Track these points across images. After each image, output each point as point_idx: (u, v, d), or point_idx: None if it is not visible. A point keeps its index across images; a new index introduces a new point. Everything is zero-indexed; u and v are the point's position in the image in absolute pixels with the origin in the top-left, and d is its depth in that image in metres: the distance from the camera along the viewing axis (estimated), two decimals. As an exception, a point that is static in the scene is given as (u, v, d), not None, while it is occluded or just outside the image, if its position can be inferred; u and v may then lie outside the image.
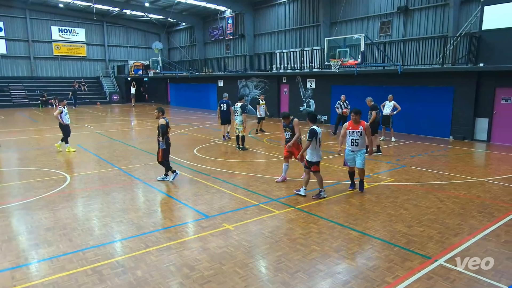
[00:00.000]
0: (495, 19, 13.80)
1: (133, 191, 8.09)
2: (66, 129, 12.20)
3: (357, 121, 7.53)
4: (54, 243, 5.40)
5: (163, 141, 8.35)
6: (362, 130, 7.45)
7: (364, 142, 7.50)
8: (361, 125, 7.48)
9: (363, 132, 7.46)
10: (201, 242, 5.44)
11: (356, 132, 7.49)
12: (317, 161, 7.36)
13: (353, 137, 7.51)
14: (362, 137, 7.45)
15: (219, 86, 28.75)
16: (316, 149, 7.30)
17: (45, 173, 9.45)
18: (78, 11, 35.62)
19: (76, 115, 25.35)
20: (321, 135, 7.42)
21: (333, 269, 4.68)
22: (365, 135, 7.49)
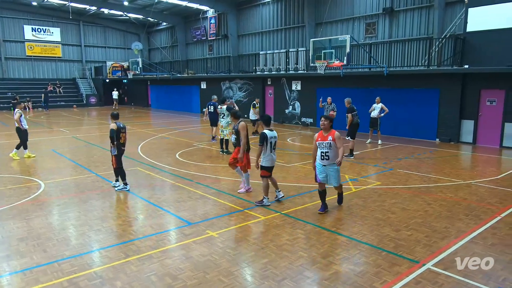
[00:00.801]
0: (479, 21, 14.23)
1: (112, 198, 7.95)
2: (25, 134, 11.84)
3: (326, 130, 6.70)
4: (27, 254, 5.25)
5: (114, 147, 8.21)
6: (332, 141, 6.58)
7: (336, 154, 6.62)
8: (331, 135, 6.60)
9: (333, 144, 6.60)
10: (184, 250, 5.38)
11: (325, 144, 6.63)
12: (268, 166, 7.21)
13: (323, 150, 6.65)
14: (333, 149, 6.61)
15: (202, 88, 28.64)
16: (267, 154, 7.16)
17: (17, 180, 9.21)
18: (52, 10, 34.98)
19: (50, 119, 24.83)
20: (275, 140, 7.25)
21: (321, 276, 4.70)
22: (336, 146, 6.62)
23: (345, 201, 7.62)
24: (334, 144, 6.57)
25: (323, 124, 6.70)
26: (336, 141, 6.58)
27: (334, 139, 6.57)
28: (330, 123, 6.72)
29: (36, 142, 15.00)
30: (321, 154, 6.71)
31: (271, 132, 7.19)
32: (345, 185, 8.81)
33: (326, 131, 6.68)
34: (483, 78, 14.21)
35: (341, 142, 6.61)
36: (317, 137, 6.76)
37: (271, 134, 7.18)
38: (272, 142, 7.20)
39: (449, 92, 15.10)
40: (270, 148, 7.17)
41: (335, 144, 6.57)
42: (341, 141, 6.60)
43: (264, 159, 7.20)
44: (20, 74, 35.20)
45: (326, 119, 6.67)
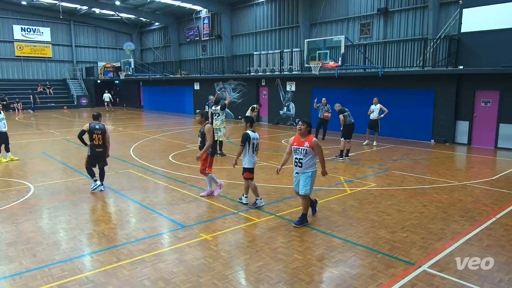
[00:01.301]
0: (474, 22, 14.38)
1: (103, 201, 7.90)
2: (4, 137, 11.59)
3: (304, 135, 6.25)
4: (16, 259, 5.20)
5: (88, 147, 8.28)
6: (308, 147, 6.12)
7: (311, 162, 6.20)
8: (308, 141, 6.14)
9: (309, 150, 6.13)
10: (177, 254, 5.36)
11: (301, 150, 6.18)
12: (250, 167, 7.20)
13: (297, 156, 6.24)
14: (308, 156, 6.14)
15: (195, 89, 28.61)
16: (249, 155, 7.15)
17: (6, 183, 9.11)
18: (42, 9, 34.73)
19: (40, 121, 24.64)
20: (257, 141, 7.22)
21: (316, 279, 4.71)
22: (313, 154, 6.20)
23: (340, 203, 7.65)
24: (311, 151, 6.14)
25: (299, 128, 6.23)
26: (314, 148, 6.13)
27: (311, 146, 6.12)
28: (308, 128, 6.26)
29: (25, 144, 14.88)
30: (295, 160, 6.31)
31: (253, 134, 7.18)
32: (340, 186, 8.85)
33: (303, 136, 6.23)
34: (478, 79, 14.35)
35: (320, 149, 6.20)
36: (292, 141, 6.34)
37: (254, 136, 7.16)
38: (255, 143, 7.18)
39: (444, 93, 15.24)
40: (252, 149, 7.15)
41: (311, 151, 6.14)
42: (319, 149, 6.18)
43: (247, 161, 7.17)
44: (9, 74, 34.88)
45: (303, 123, 6.21)
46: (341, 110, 12.11)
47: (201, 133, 7.68)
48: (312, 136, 6.26)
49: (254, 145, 7.17)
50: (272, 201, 7.72)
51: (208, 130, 7.55)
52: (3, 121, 11.59)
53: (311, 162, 6.22)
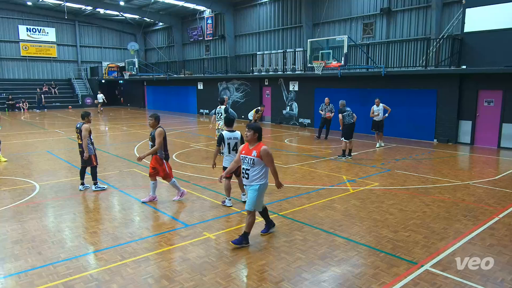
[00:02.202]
0: (477, 22, 14.30)
1: (108, 199, 7.93)
2: None
3: (252, 142, 5.48)
4: (21, 257, 5.23)
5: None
6: (256, 157, 5.35)
7: (259, 174, 5.42)
8: (256, 150, 5.38)
9: (257, 160, 5.36)
10: (181, 252, 5.37)
11: (248, 160, 5.44)
12: (226, 166, 7.19)
13: (244, 166, 5.52)
14: (255, 167, 5.38)
15: (198, 88, 28.64)
16: (226, 155, 7.21)
17: (12, 182, 9.16)
18: (47, 10, 34.86)
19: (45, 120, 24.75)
20: (235, 141, 7.17)
21: (319, 278, 4.70)
22: (263, 165, 5.44)
23: (343, 202, 7.64)
24: (259, 161, 5.36)
25: (246, 135, 5.51)
26: (263, 157, 5.34)
27: (259, 155, 5.35)
28: (255, 134, 5.44)
29: (31, 143, 14.95)
30: (242, 171, 5.63)
31: (229, 133, 7.18)
32: (343, 186, 8.83)
33: (252, 143, 5.48)
34: (481, 79, 14.28)
35: (270, 159, 5.39)
36: (241, 149, 5.64)
37: (229, 135, 7.16)
38: (231, 143, 7.17)
39: (447, 93, 15.17)
40: (228, 149, 7.19)
41: (260, 161, 5.36)
42: (269, 158, 5.38)
43: (224, 159, 7.28)
44: (14, 74, 35.05)
45: (250, 129, 5.45)
46: (341, 109, 11.99)
47: (152, 137, 7.33)
48: (262, 144, 5.44)
49: (230, 145, 7.16)
50: (274, 200, 7.72)
51: (159, 134, 7.23)
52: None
53: (260, 173, 5.42)
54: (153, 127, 7.33)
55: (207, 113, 27.85)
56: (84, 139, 8.33)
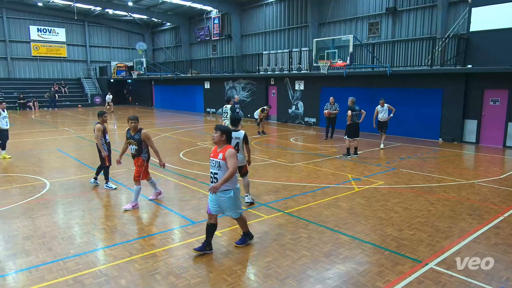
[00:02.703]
0: (483, 21, 14.15)
1: (116, 197, 7.98)
2: (2, 135, 11.54)
3: (219, 144, 5.14)
4: (32, 253, 5.28)
5: None
6: (221, 159, 5.01)
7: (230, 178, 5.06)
8: (222, 152, 5.04)
9: (223, 164, 5.01)
10: (188, 249, 5.39)
11: (214, 163, 5.10)
12: None
13: (212, 170, 5.15)
14: (223, 170, 5.02)
15: (205, 88, 28.69)
16: None
17: (23, 179, 9.26)
18: (58, 10, 35.15)
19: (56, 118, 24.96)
20: (237, 141, 6.91)
21: (323, 275, 4.69)
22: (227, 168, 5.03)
23: (348, 200, 7.61)
24: (225, 164, 5.03)
25: (213, 137, 5.20)
26: (227, 160, 5.01)
27: (225, 158, 5.02)
28: (222, 136, 5.10)
29: (42, 142, 15.10)
30: (210, 175, 5.20)
31: (233, 133, 6.75)
32: (347, 184, 8.80)
33: (220, 146, 5.14)
34: (487, 78, 14.13)
35: (232, 162, 4.99)
36: (211, 152, 5.29)
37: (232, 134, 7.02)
38: (232, 142, 6.79)
39: (452, 92, 15.04)
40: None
41: (225, 164, 5.03)
42: (231, 161, 4.99)
43: None
44: (26, 74, 35.40)
45: (217, 130, 5.16)
46: (351, 107, 11.89)
47: (137, 140, 6.99)
48: (229, 147, 5.13)
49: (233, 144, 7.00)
50: (280, 198, 7.72)
51: (149, 136, 7.07)
52: (6, 119, 11.58)
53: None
54: (136, 129, 7.04)
55: (213, 112, 27.91)
56: (96, 139, 8.34)
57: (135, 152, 7.10)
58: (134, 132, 7.05)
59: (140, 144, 7.01)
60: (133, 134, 7.06)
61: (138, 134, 7.02)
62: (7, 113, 11.73)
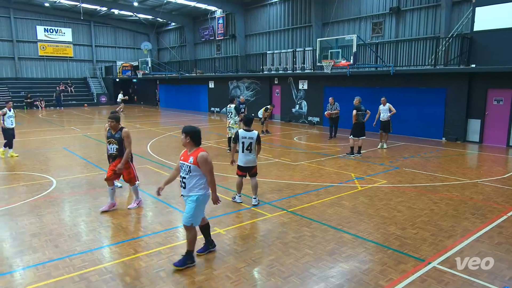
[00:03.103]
0: (487, 20, 14.04)
1: (122, 195, 8.01)
2: (6, 134, 11.49)
3: (189, 147, 4.80)
4: (39, 250, 5.32)
5: None
6: (192, 164, 4.67)
7: (198, 183, 4.73)
8: (193, 156, 4.69)
9: (194, 168, 4.68)
10: (192, 247, 5.40)
11: (185, 167, 4.77)
12: (238, 164, 7.16)
13: (181, 174, 4.83)
14: (192, 175, 4.70)
15: (210, 87, 28.71)
16: (240, 153, 7.07)
17: (30, 177, 9.32)
18: (64, 11, 35.30)
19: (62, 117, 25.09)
20: (249, 141, 6.95)
21: (326, 273, 4.69)
22: (202, 173, 4.73)
23: (351, 199, 7.59)
24: (196, 169, 4.68)
25: (182, 140, 4.84)
26: (200, 165, 4.67)
27: (196, 162, 4.68)
28: (187, 138, 4.75)
29: (48, 140, 15.18)
30: (180, 179, 4.89)
31: (245, 132, 7.00)
32: (351, 183, 8.78)
33: (190, 149, 4.80)
34: (490, 78, 14.04)
35: (208, 168, 4.69)
36: (181, 155, 4.94)
37: (244, 134, 6.99)
38: (245, 142, 6.97)
39: (456, 92, 14.95)
40: (241, 148, 7.02)
41: (197, 168, 4.68)
42: (207, 167, 4.68)
43: (238, 158, 7.17)
44: (33, 73, 35.59)
45: (182, 133, 4.80)
46: (357, 107, 11.84)
47: (118, 139, 6.73)
48: (201, 150, 4.76)
49: (244, 144, 6.97)
50: (284, 197, 7.71)
51: (128, 135, 6.77)
52: (11, 118, 11.58)
53: (198, 183, 4.74)
54: (116, 128, 6.80)
55: (218, 111, 27.94)
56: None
57: (116, 152, 6.82)
58: (115, 131, 6.83)
59: (121, 143, 6.78)
60: (114, 133, 6.83)
61: (119, 133, 6.79)
62: (13, 113, 11.76)
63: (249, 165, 7.12)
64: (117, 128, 6.80)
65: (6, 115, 11.47)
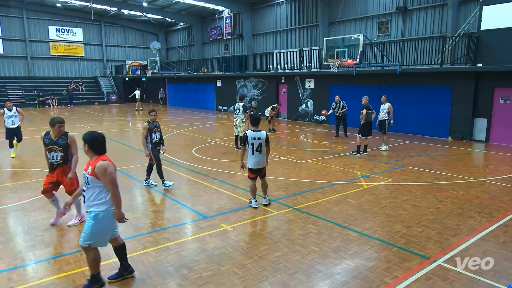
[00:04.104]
0: (494, 19, 13.84)
1: (130, 191, 8.06)
2: (6, 133, 11.16)
3: (90, 156, 4.22)
4: (51, 244, 5.38)
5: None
6: (90, 175, 4.06)
7: (98, 197, 4.08)
8: (91, 166, 4.09)
9: (92, 179, 4.06)
10: (199, 243, 5.43)
11: (84, 178, 4.17)
12: (249, 167, 6.82)
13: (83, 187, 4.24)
14: (91, 187, 4.08)
15: (217, 86, 28.75)
16: (249, 155, 6.72)
17: (42, 174, 9.40)
18: (75, 11, 35.56)
19: (73, 115, 25.31)
20: (259, 141, 6.63)
21: (332, 270, 4.68)
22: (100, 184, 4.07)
23: (357, 197, 7.56)
24: (94, 180, 4.05)
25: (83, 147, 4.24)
26: (99, 176, 4.03)
27: (94, 173, 4.04)
28: (86, 146, 4.17)
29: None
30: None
31: (254, 133, 6.67)
32: (356, 181, 8.74)
33: (90, 157, 4.22)
34: (497, 77, 13.85)
35: (109, 179, 4.02)
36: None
37: (253, 135, 6.66)
38: (255, 143, 6.64)
39: (462, 90, 14.78)
40: (252, 149, 6.67)
41: (95, 180, 4.05)
42: (108, 178, 4.02)
43: (248, 160, 6.81)
44: (45, 72, 35.94)
45: (82, 139, 4.20)
46: (366, 106, 11.73)
47: (63, 145, 5.81)
48: (101, 159, 4.12)
49: (254, 145, 6.64)
50: (290, 195, 7.70)
51: (73, 141, 5.87)
52: (12, 118, 11.09)
53: (99, 196, 4.07)
54: (61, 133, 5.83)
55: (225, 109, 27.97)
56: (141, 136, 8.16)
57: (60, 160, 5.86)
58: (58, 136, 5.81)
59: (66, 150, 5.86)
60: (56, 139, 5.80)
61: (64, 138, 5.82)
62: (14, 112, 11.15)
63: (260, 166, 6.84)
64: (62, 133, 5.83)
65: (4, 115, 11.02)
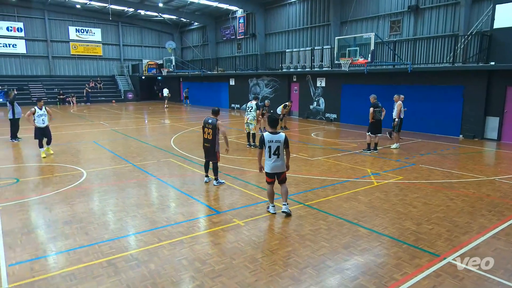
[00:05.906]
0: (507, 18, 13.49)
1: (147, 186, 8.16)
2: (35, 132, 10.87)
3: None
4: (71, 236, 5.49)
5: None
6: None
7: None
8: None
9: None
10: (212, 237, 5.46)
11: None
12: (266, 171, 6.25)
13: None
14: None
15: (230, 84, 28.79)
16: (266, 158, 6.15)
17: (62, 169, 9.61)
18: (94, 12, 36.01)
19: (92, 113, 25.69)
20: (277, 144, 6.04)
21: (342, 265, 4.66)
22: None
23: (367, 194, 7.49)
24: None
25: None
26: None
27: None
28: None
29: (79, 134, 15.59)
30: None
31: (271, 135, 6.08)
32: (367, 179, 8.66)
33: None
34: (510, 75, 13.51)
35: None
36: None
37: (270, 138, 6.06)
38: (272, 146, 6.03)
39: (474, 89, 14.47)
40: (269, 152, 6.08)
41: None
42: None
43: (265, 164, 6.24)
44: (65, 71, 36.54)
45: None
46: (374, 104, 11.61)
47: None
48: None
49: (272, 148, 6.04)
50: (301, 191, 7.68)
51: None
52: (42, 117, 10.84)
53: None
54: None
55: (238, 107, 28.00)
56: (222, 134, 8.01)
57: None
58: None
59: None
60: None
61: None
62: (44, 111, 10.92)
63: (277, 171, 6.19)
64: None
65: (36, 114, 10.76)
